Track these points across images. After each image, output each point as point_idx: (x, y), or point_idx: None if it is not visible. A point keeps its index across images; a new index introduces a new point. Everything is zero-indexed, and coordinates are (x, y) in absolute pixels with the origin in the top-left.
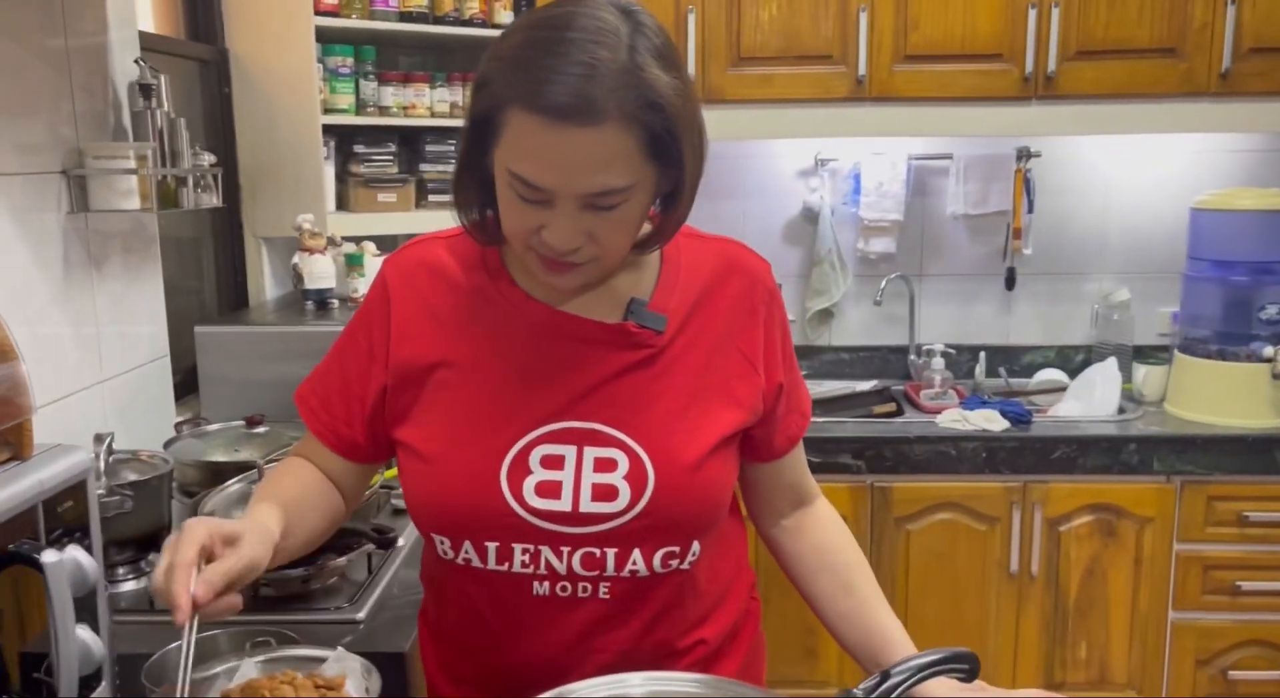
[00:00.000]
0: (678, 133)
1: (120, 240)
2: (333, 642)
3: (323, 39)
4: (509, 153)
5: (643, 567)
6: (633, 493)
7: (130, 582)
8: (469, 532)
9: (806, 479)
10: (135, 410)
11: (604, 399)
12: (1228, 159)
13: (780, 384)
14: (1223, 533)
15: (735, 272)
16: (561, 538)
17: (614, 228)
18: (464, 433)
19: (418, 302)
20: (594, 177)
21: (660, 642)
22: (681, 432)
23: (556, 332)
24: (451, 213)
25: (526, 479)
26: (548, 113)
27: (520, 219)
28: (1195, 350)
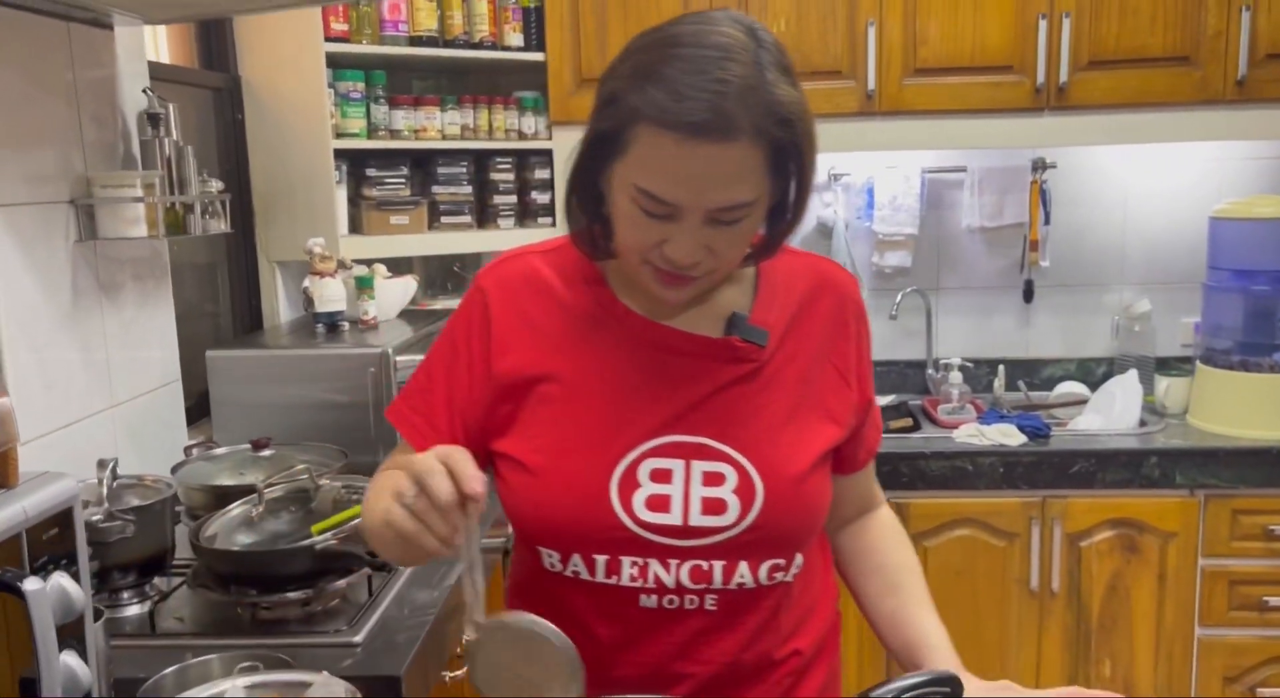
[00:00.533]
0: (802, 147)
1: (131, 267)
2: (330, 665)
3: (333, 64)
4: (636, 169)
5: (749, 579)
6: (742, 507)
7: (134, 606)
8: (579, 545)
9: (875, 488)
10: (146, 435)
11: (709, 414)
12: (1246, 166)
13: (871, 400)
14: (1248, 547)
15: (827, 287)
16: (670, 551)
17: (733, 241)
18: (571, 446)
19: (517, 314)
20: (724, 192)
21: (761, 653)
22: (785, 445)
23: (661, 346)
24: (461, 233)
25: (636, 493)
26: (683, 129)
27: (642, 234)
28: (1217, 361)
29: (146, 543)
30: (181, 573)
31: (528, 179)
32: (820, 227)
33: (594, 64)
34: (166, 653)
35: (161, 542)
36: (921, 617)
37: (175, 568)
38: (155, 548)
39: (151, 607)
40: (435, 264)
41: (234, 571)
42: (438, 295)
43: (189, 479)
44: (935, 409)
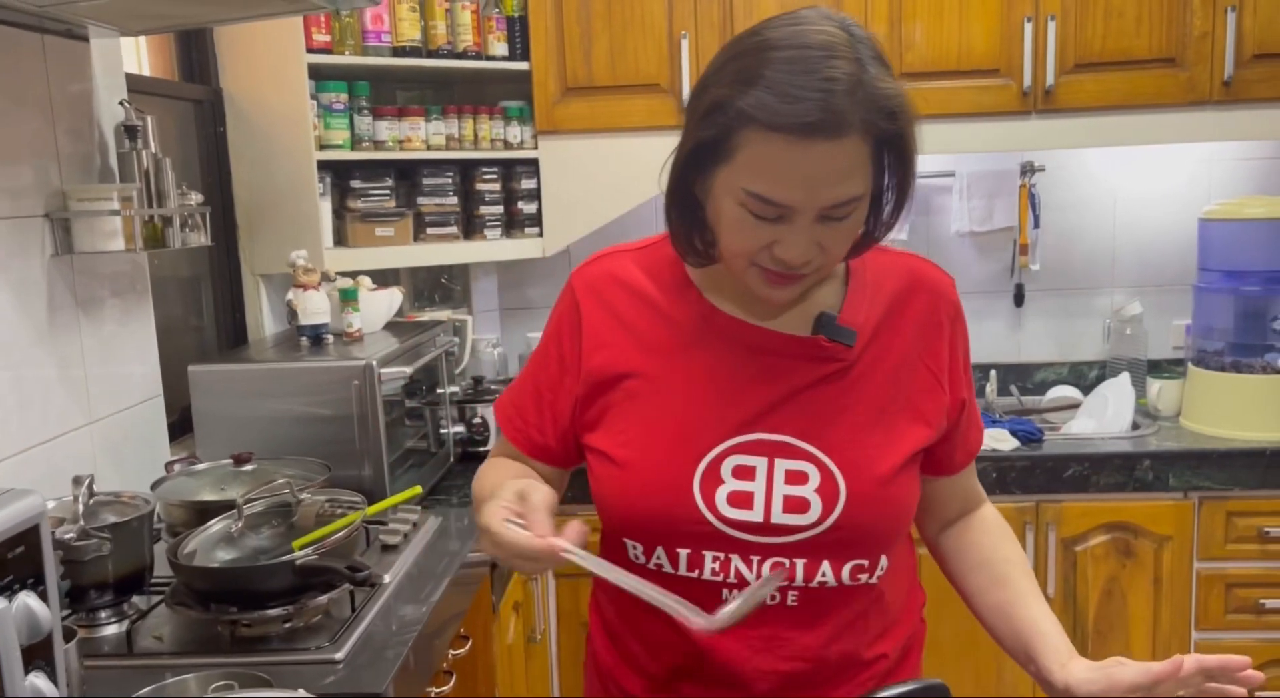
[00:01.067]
0: (906, 138)
1: (110, 282)
2: (312, 683)
3: (316, 76)
4: (745, 173)
5: (831, 578)
6: (824, 506)
7: (111, 625)
8: (662, 537)
9: (976, 488)
10: (127, 451)
11: (794, 412)
12: (1236, 168)
13: (964, 400)
14: (1244, 550)
15: (921, 286)
16: (752, 547)
17: (842, 237)
18: (657, 441)
19: (608, 312)
20: (836, 188)
21: (846, 652)
22: (871, 446)
23: (747, 344)
24: (448, 244)
25: (719, 489)
26: (795, 131)
27: (751, 237)
28: (1209, 363)
29: (123, 561)
30: (160, 591)
31: (514, 189)
32: None
33: (579, 73)
34: (144, 673)
35: (139, 559)
36: (1031, 606)
37: (154, 586)
38: (132, 566)
39: (129, 626)
40: (423, 275)
41: (213, 587)
42: (425, 307)
43: (169, 495)
44: None
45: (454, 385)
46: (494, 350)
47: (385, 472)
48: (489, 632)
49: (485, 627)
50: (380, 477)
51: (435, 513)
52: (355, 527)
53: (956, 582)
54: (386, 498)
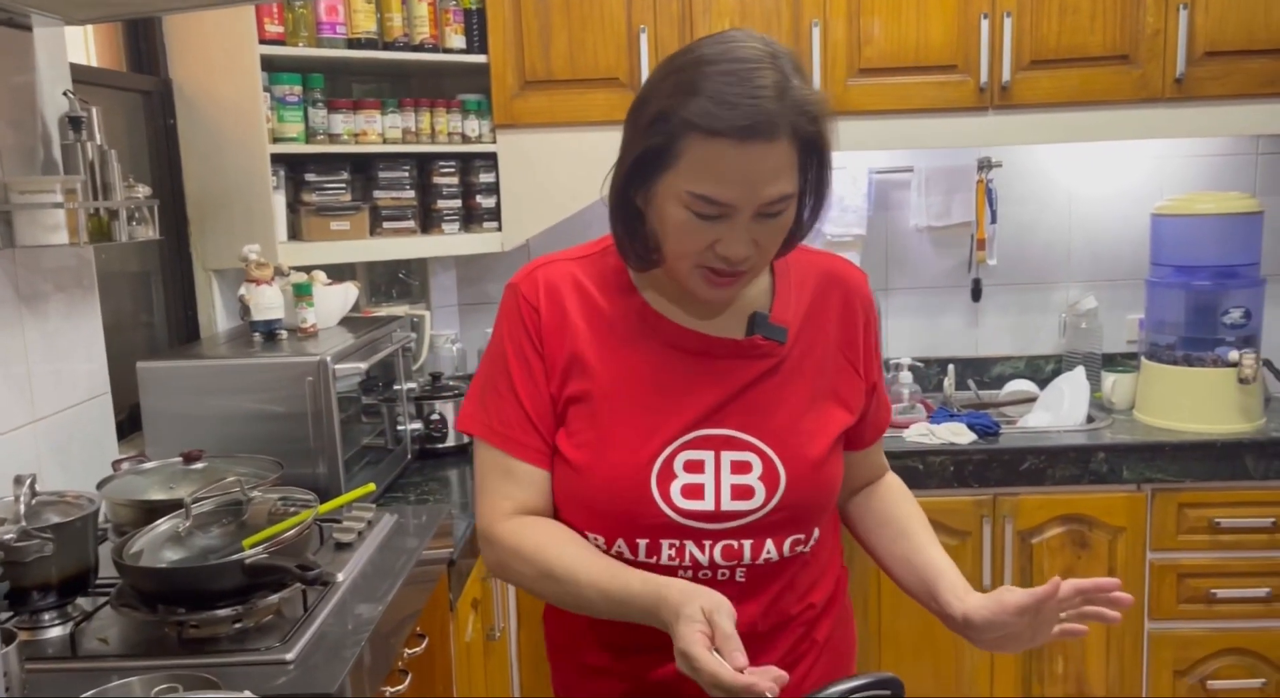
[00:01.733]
0: (826, 140)
1: (54, 276)
2: (262, 684)
3: (269, 67)
4: (689, 176)
5: (774, 553)
6: (767, 491)
7: (55, 628)
8: (621, 531)
9: (881, 461)
10: (72, 450)
11: (736, 408)
12: (1187, 164)
13: (875, 384)
14: (1195, 541)
15: (837, 283)
16: (704, 534)
17: (774, 234)
18: (612, 443)
19: (560, 318)
20: (771, 187)
21: (780, 611)
22: (804, 433)
23: (691, 349)
24: (405, 239)
25: (673, 483)
26: (733, 134)
27: (695, 238)
28: (1161, 357)
29: (67, 562)
30: (105, 592)
31: (472, 183)
32: None
33: (537, 66)
34: (89, 676)
35: (83, 560)
36: (929, 552)
37: (99, 587)
38: (76, 567)
39: (73, 628)
40: (380, 270)
41: (160, 588)
42: (382, 303)
43: (115, 494)
44: None
45: (411, 382)
46: (453, 346)
47: (340, 470)
48: (446, 630)
49: (443, 625)
50: (335, 475)
51: (391, 511)
52: (307, 525)
53: (864, 542)
54: (340, 497)
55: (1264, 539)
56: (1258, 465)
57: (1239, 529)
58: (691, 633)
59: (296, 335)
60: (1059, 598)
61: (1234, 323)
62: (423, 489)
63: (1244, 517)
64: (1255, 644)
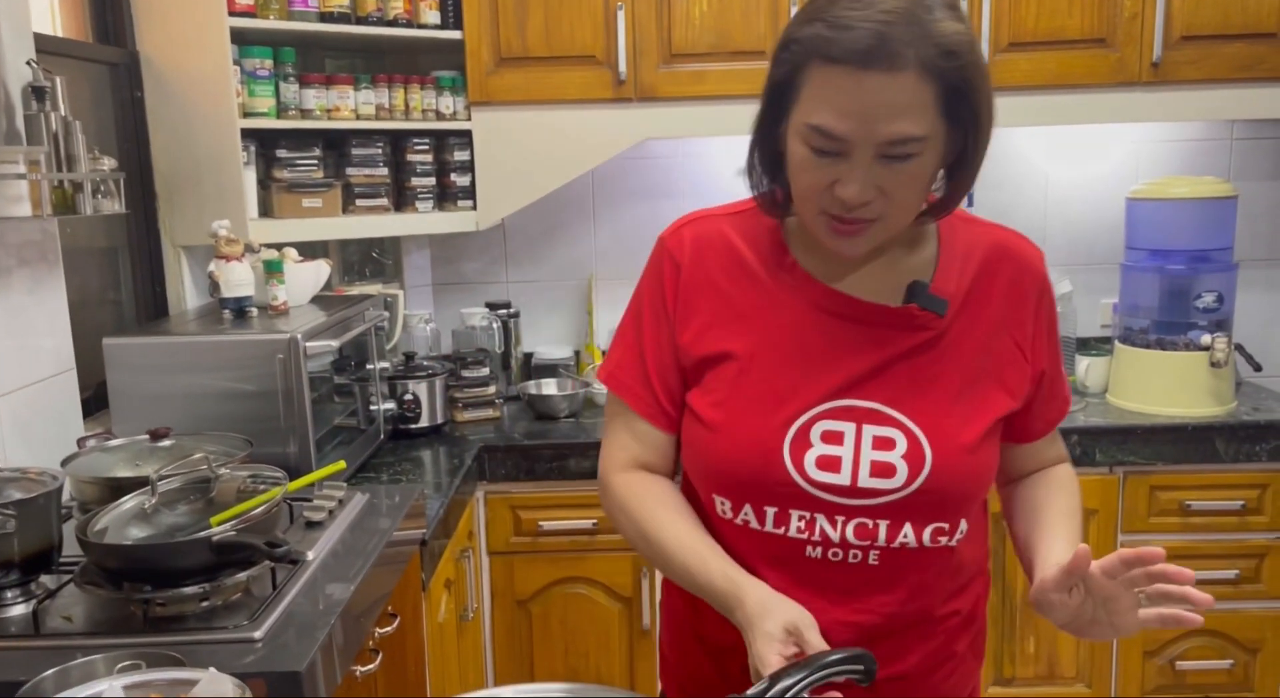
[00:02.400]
0: (974, 83)
1: (17, 251)
2: (230, 662)
3: (239, 41)
4: (809, 107)
5: (913, 540)
6: (910, 472)
7: (18, 606)
8: (750, 496)
9: (1054, 454)
10: (36, 427)
11: (885, 380)
12: (1162, 149)
13: (1043, 371)
14: (1166, 523)
15: (1009, 258)
16: (837, 508)
17: (905, 183)
18: (748, 404)
19: (703, 276)
20: (892, 124)
21: (922, 609)
22: (957, 415)
23: (841, 313)
24: (378, 216)
25: (808, 452)
26: (849, 60)
27: (814, 175)
28: (1134, 341)
29: (29, 539)
30: (70, 570)
31: (447, 161)
32: None
33: (513, 43)
34: (52, 654)
35: (46, 537)
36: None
37: (64, 565)
38: (39, 544)
39: (36, 606)
40: (353, 249)
41: (125, 566)
42: (355, 281)
43: (80, 472)
44: None
45: (384, 361)
46: (426, 326)
47: (311, 449)
48: (419, 610)
49: (415, 605)
50: (306, 454)
51: (363, 490)
52: (275, 503)
53: (1010, 529)
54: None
55: (1233, 522)
56: (1228, 449)
57: (1209, 512)
58: (768, 655)
59: (267, 313)
60: (1106, 572)
61: (1207, 307)
62: (395, 469)
63: (1214, 499)
64: (1224, 626)
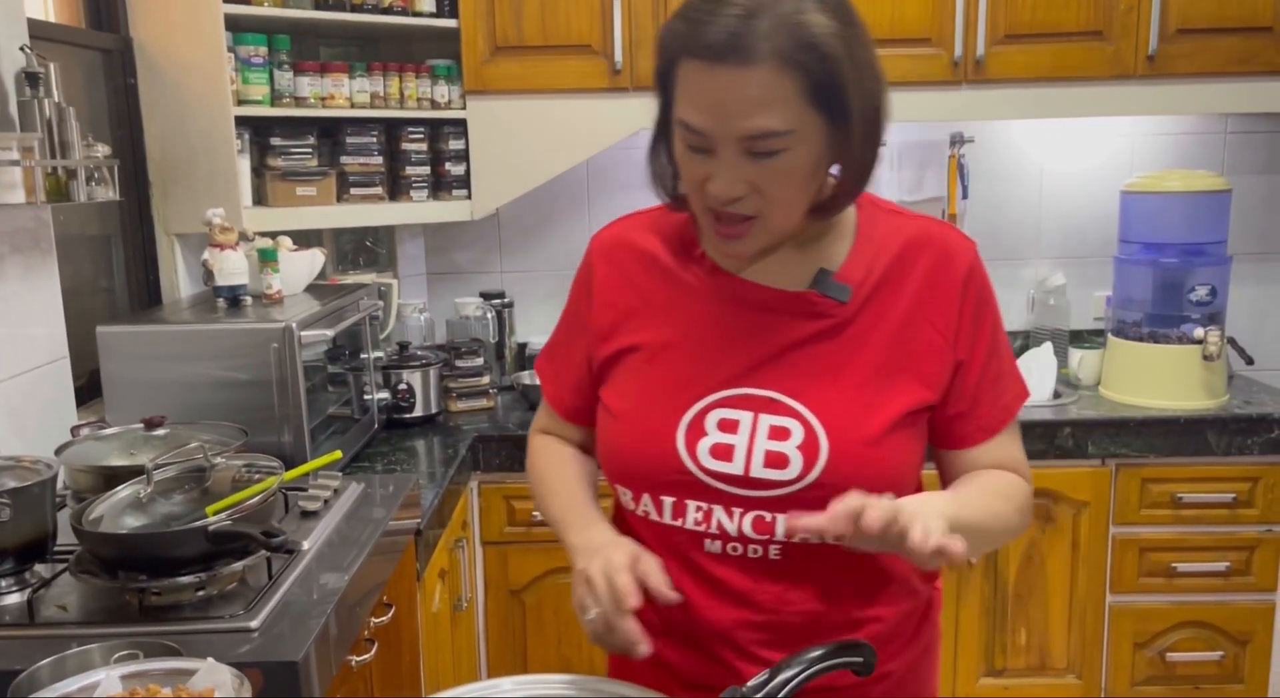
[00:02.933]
0: (840, 78)
1: (9, 238)
2: (226, 652)
3: (233, 27)
4: (677, 104)
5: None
6: (804, 463)
7: (13, 595)
8: (648, 485)
9: (1008, 460)
10: (29, 415)
11: (784, 368)
12: (1157, 142)
13: (962, 361)
14: (1157, 515)
15: (931, 247)
16: (733, 499)
17: (777, 179)
18: (650, 393)
19: (618, 273)
20: (750, 119)
21: (833, 609)
22: (860, 405)
23: (740, 300)
24: (372, 205)
25: (702, 440)
26: (705, 54)
27: (690, 170)
28: (1127, 333)
29: (24, 527)
30: (64, 559)
31: (441, 150)
32: None
33: (509, 31)
34: (47, 643)
35: (41, 526)
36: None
37: (58, 554)
38: (34, 533)
39: (31, 595)
40: (347, 238)
41: (120, 555)
42: (349, 270)
43: (74, 460)
44: None
45: (379, 351)
46: (420, 316)
47: (306, 438)
48: (413, 600)
49: (409, 595)
50: (301, 443)
51: (358, 480)
52: (271, 492)
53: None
54: (306, 464)
55: (1224, 514)
56: (1220, 441)
57: (1200, 504)
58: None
59: (261, 301)
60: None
61: (1200, 300)
62: (390, 459)
63: (1205, 492)
64: (1214, 617)
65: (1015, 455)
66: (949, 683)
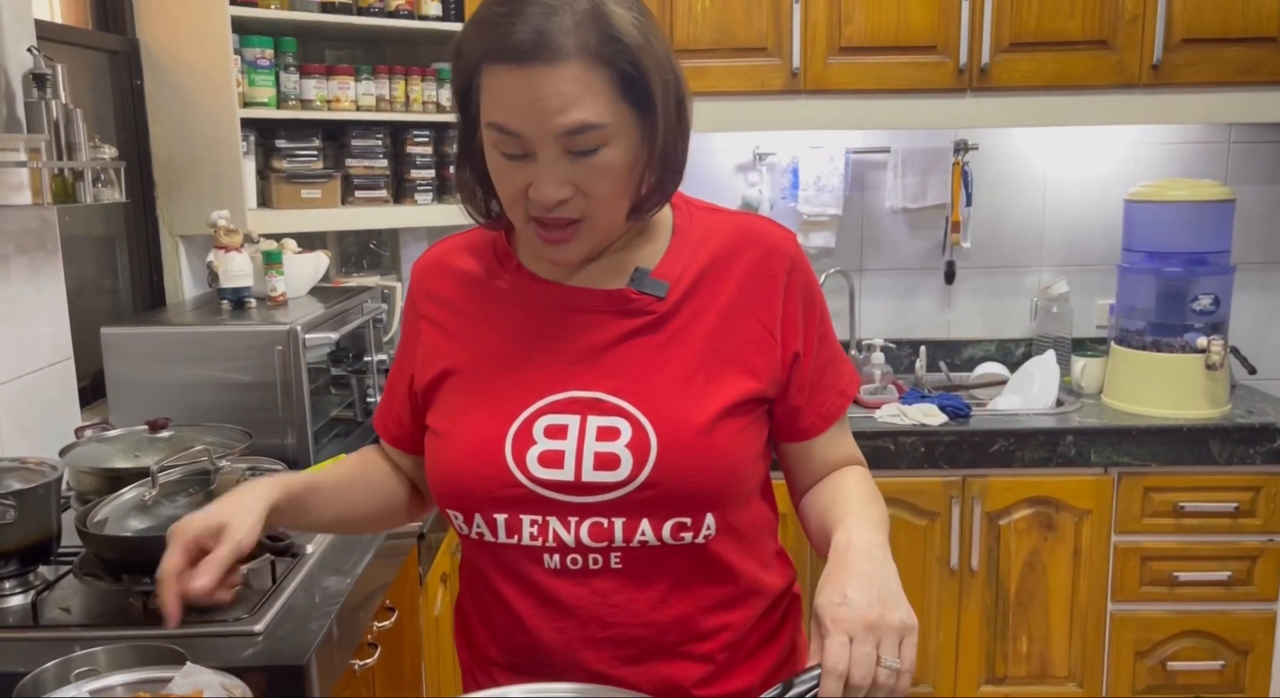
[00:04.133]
0: (645, 68)
1: (16, 238)
2: (230, 656)
3: (240, 30)
4: (487, 110)
5: (652, 537)
6: (635, 462)
7: (16, 596)
8: (478, 504)
9: (844, 459)
10: (33, 416)
11: (607, 368)
12: (1161, 151)
13: (797, 353)
14: (1159, 524)
15: (751, 241)
16: (568, 508)
17: (598, 176)
18: (473, 408)
19: (434, 296)
20: (565, 114)
21: (681, 617)
22: (688, 398)
23: (558, 303)
24: (377, 208)
25: (530, 449)
26: (511, 56)
27: (509, 180)
28: (1130, 342)
29: (28, 529)
30: (68, 561)
31: (446, 153)
32: (745, 206)
33: None
34: (51, 645)
35: (45, 528)
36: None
37: (62, 556)
38: (38, 534)
39: (35, 597)
40: (351, 240)
41: (124, 557)
42: (353, 273)
43: (79, 462)
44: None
45: (382, 353)
46: None
47: (309, 440)
48: (415, 604)
49: (412, 599)
50: (304, 445)
51: None
52: None
53: (805, 529)
54: (310, 467)
55: (1226, 524)
56: (1222, 451)
57: (1202, 514)
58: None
59: (265, 304)
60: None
61: (1203, 310)
62: None
63: (1207, 501)
64: (1215, 627)
65: (851, 446)
66: (949, 689)
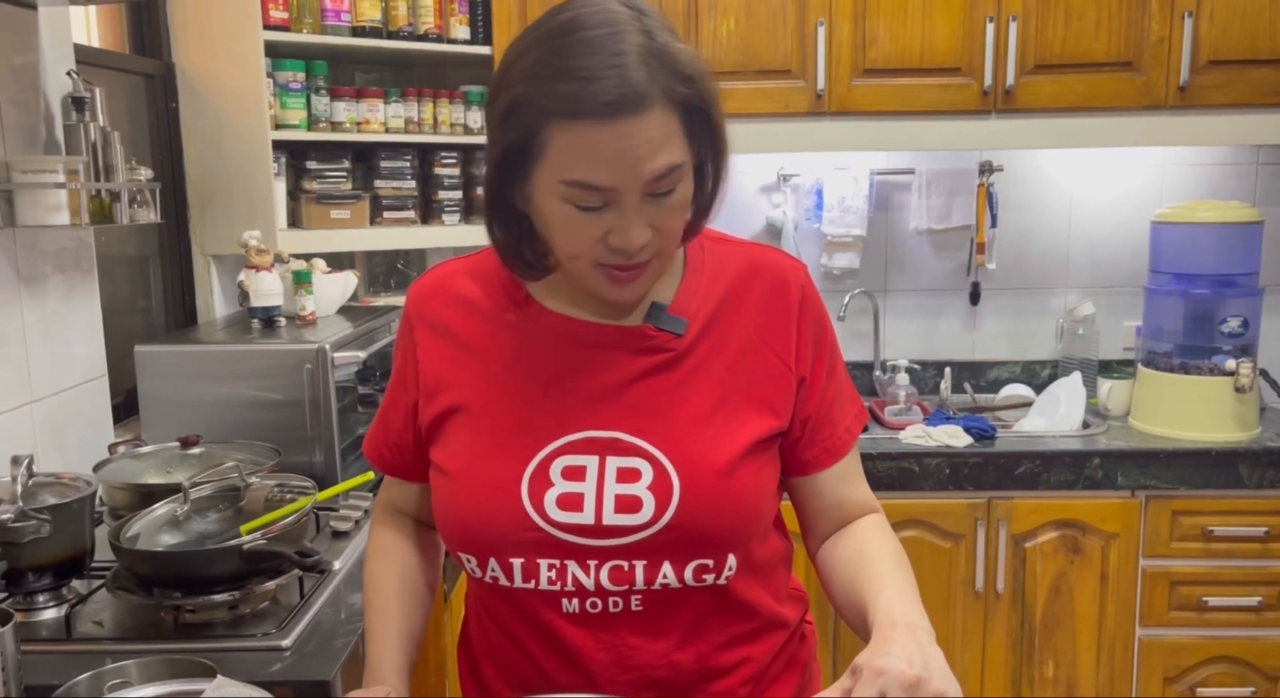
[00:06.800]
0: (708, 103)
1: (54, 258)
2: (258, 670)
3: (273, 54)
4: (562, 166)
5: (674, 579)
6: (657, 505)
7: (50, 610)
8: (493, 548)
9: (856, 498)
10: (69, 432)
11: (625, 408)
12: (1189, 172)
13: (803, 378)
14: (1188, 548)
15: (763, 272)
16: (587, 552)
17: (672, 214)
18: (486, 448)
19: (434, 324)
20: (654, 161)
21: (701, 655)
22: (708, 438)
23: (572, 339)
24: (404, 229)
25: (548, 491)
26: (600, 112)
27: (583, 233)
28: (1158, 364)
29: (63, 543)
30: (101, 575)
31: (473, 175)
32: (769, 227)
33: None
34: (84, 658)
35: (80, 542)
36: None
37: (95, 570)
38: (73, 549)
39: (68, 610)
40: (379, 260)
41: (156, 572)
42: (381, 292)
43: (112, 478)
44: (882, 411)
45: None
46: None
47: (337, 458)
48: (440, 621)
49: (436, 616)
50: (332, 463)
51: None
52: (305, 512)
53: (826, 588)
54: (335, 486)
55: (1256, 548)
56: (1252, 475)
57: (1232, 538)
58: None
59: (295, 323)
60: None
61: (1231, 332)
62: None
63: (1237, 525)
64: (1245, 653)
65: (864, 489)
66: None
